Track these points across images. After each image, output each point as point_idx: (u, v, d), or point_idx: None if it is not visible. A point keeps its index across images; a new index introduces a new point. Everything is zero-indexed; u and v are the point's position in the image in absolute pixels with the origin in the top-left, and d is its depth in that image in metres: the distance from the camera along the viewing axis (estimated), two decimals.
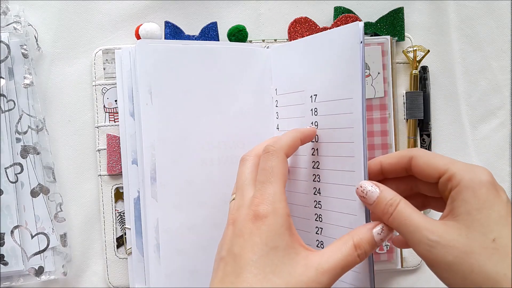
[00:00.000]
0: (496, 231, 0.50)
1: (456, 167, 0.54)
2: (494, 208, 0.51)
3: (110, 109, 0.79)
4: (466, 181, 0.52)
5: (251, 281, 0.51)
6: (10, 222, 0.75)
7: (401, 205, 0.54)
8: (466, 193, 0.52)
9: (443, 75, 0.83)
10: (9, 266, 0.75)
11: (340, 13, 0.79)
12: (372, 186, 0.57)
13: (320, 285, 0.51)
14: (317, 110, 0.66)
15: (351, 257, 0.53)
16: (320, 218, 0.66)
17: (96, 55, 0.79)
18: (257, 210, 0.54)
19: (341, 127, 0.62)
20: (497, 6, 0.83)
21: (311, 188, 0.67)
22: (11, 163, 0.76)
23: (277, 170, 0.57)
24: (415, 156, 0.59)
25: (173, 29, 0.78)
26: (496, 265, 0.49)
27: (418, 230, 0.52)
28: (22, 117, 0.76)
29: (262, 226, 0.53)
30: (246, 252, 0.53)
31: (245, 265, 0.52)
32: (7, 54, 0.76)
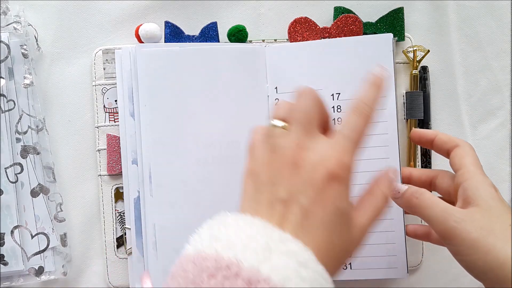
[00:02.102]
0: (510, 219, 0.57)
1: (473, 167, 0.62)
2: (504, 203, 0.59)
3: (110, 109, 0.79)
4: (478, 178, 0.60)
5: (319, 241, 0.47)
6: (10, 222, 0.75)
7: (427, 193, 0.60)
8: (479, 186, 0.59)
9: (443, 75, 0.82)
10: (9, 266, 0.75)
11: (340, 13, 0.79)
12: (401, 186, 0.63)
13: (359, 245, 0.52)
14: (340, 107, 0.70)
15: (382, 207, 0.54)
16: None
17: (96, 55, 0.79)
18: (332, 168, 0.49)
19: (375, 133, 0.68)
20: (497, 6, 0.82)
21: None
22: (11, 163, 0.76)
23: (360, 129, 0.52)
24: (460, 145, 0.65)
25: (173, 29, 0.78)
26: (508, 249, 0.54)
27: (445, 209, 0.58)
28: (22, 117, 0.77)
29: (337, 186, 0.48)
30: (318, 208, 0.48)
31: (316, 222, 0.47)
32: (7, 54, 0.76)
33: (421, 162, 0.80)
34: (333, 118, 0.69)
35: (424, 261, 0.80)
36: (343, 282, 0.76)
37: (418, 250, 0.79)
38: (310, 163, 0.49)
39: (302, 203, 0.48)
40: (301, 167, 0.49)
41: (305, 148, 0.50)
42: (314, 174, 0.48)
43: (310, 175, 0.49)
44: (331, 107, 0.69)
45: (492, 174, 0.82)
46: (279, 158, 0.50)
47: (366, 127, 0.52)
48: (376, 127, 0.67)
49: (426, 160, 0.80)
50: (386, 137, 0.68)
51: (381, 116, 0.66)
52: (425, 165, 0.80)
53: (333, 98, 0.68)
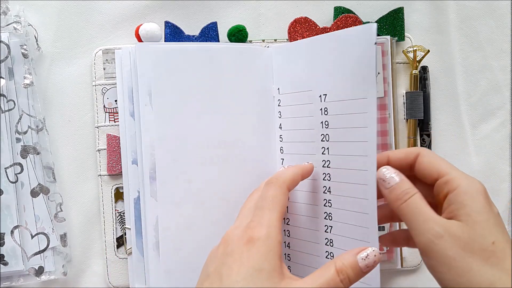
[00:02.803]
0: (495, 235, 0.53)
1: (456, 172, 0.57)
2: (491, 215, 0.54)
3: (110, 109, 0.79)
4: (464, 187, 0.55)
5: None
6: (10, 222, 0.75)
7: (417, 195, 0.57)
8: (465, 197, 0.55)
9: (443, 75, 0.82)
10: (9, 266, 0.75)
11: (340, 13, 0.79)
12: (395, 173, 0.59)
13: None
14: (327, 110, 0.66)
15: (333, 281, 0.53)
16: (330, 216, 0.67)
17: (96, 55, 0.79)
18: (251, 233, 0.55)
19: (354, 126, 0.63)
20: (497, 6, 0.82)
21: (320, 186, 0.68)
22: (11, 163, 0.76)
23: (276, 199, 0.59)
24: (421, 153, 0.61)
25: (173, 29, 0.78)
26: (492, 268, 0.52)
27: (427, 220, 0.54)
28: (22, 117, 0.76)
29: (253, 249, 0.54)
30: (233, 272, 0.53)
31: (229, 285, 0.52)
32: (7, 54, 0.76)
33: None
34: (321, 121, 0.67)
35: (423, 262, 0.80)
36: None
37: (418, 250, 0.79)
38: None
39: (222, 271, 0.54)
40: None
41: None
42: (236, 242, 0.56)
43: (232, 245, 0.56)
44: (319, 109, 0.68)
45: (492, 174, 0.82)
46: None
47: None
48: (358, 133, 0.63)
49: None
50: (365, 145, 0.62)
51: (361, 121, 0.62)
52: None
53: (320, 100, 0.67)
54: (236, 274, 0.53)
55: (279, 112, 0.74)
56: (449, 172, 0.57)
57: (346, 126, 0.64)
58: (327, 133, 0.67)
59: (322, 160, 0.67)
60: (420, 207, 0.56)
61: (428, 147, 0.80)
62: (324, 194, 0.67)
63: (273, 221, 0.56)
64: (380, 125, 0.78)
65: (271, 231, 0.55)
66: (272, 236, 0.55)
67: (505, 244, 0.53)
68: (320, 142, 0.67)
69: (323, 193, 0.68)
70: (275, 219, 0.56)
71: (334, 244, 0.67)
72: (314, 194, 0.69)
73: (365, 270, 0.55)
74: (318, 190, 0.68)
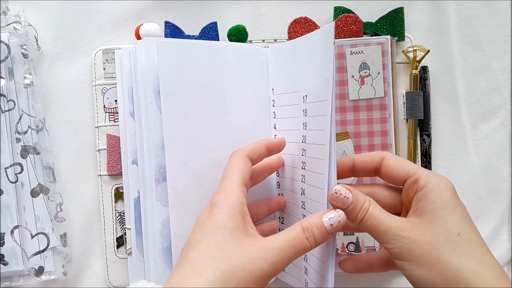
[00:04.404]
0: (460, 227, 0.55)
1: (423, 171, 0.60)
2: (457, 208, 0.57)
3: (110, 109, 0.79)
4: (432, 184, 0.58)
5: (194, 259, 0.54)
6: (10, 222, 0.75)
7: (371, 208, 0.58)
8: (431, 194, 0.57)
9: (443, 75, 0.82)
10: (9, 266, 0.75)
11: (340, 13, 0.79)
12: (346, 192, 0.59)
13: (265, 261, 0.53)
14: (307, 111, 0.67)
15: (299, 238, 0.56)
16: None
17: (96, 55, 0.79)
18: (212, 200, 0.59)
19: (319, 129, 0.63)
20: (497, 6, 0.82)
21: (299, 188, 0.69)
22: (11, 163, 0.76)
23: (235, 167, 0.62)
24: (386, 157, 0.63)
25: (173, 29, 0.78)
26: (460, 257, 0.54)
27: (388, 228, 0.57)
28: (22, 117, 0.77)
29: (214, 211, 0.57)
30: (196, 234, 0.57)
31: (193, 245, 0.56)
32: (7, 54, 0.76)
33: (421, 162, 0.80)
34: (303, 122, 0.68)
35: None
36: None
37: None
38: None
39: (189, 238, 0.58)
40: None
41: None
42: (201, 212, 0.60)
43: (199, 216, 0.60)
44: (302, 110, 0.68)
45: (492, 174, 0.82)
46: None
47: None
48: (321, 136, 0.63)
49: (426, 160, 0.80)
50: (324, 149, 0.62)
51: (322, 124, 0.62)
52: (425, 165, 0.80)
53: (303, 101, 0.67)
54: (201, 234, 0.56)
55: (274, 113, 0.75)
56: (417, 171, 0.60)
57: (315, 128, 0.64)
58: (304, 134, 0.67)
59: (301, 162, 0.68)
60: (378, 218, 0.58)
61: (428, 147, 0.80)
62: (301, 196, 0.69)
63: (232, 185, 0.59)
64: (380, 125, 0.78)
65: (229, 194, 0.58)
66: (231, 197, 0.58)
67: (472, 234, 0.55)
68: (301, 143, 0.68)
69: (300, 194, 0.69)
70: (234, 183, 0.59)
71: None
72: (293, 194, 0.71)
73: (330, 231, 0.57)
74: (297, 191, 0.70)
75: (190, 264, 0.54)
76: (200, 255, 0.54)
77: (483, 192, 0.83)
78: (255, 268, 0.53)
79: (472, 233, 0.56)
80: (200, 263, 0.53)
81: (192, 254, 0.54)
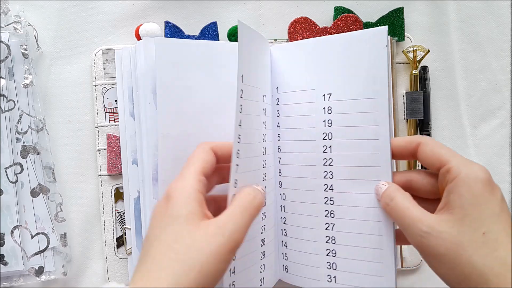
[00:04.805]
0: (487, 225, 0.53)
1: (456, 161, 0.57)
2: (487, 205, 0.54)
3: (110, 109, 0.79)
4: (462, 176, 0.55)
5: (154, 255, 0.53)
6: (10, 222, 0.75)
7: (399, 198, 0.59)
8: (462, 188, 0.55)
9: (443, 75, 0.82)
10: (9, 266, 0.75)
11: (340, 13, 0.79)
12: (383, 184, 0.63)
13: (222, 236, 0.53)
14: (331, 109, 0.68)
15: (248, 198, 0.57)
16: (332, 214, 0.69)
17: (96, 55, 0.79)
18: (168, 190, 0.57)
19: (364, 125, 0.65)
20: (497, 6, 0.82)
21: (321, 185, 0.69)
22: (11, 163, 0.76)
23: (194, 158, 0.60)
24: (423, 142, 0.61)
25: (173, 29, 0.78)
26: (483, 258, 0.52)
27: (413, 222, 0.56)
28: (22, 117, 0.77)
29: (170, 201, 0.56)
30: (155, 229, 0.56)
31: (152, 241, 0.55)
32: (7, 54, 0.76)
33: None
34: (324, 120, 0.68)
35: (424, 261, 0.80)
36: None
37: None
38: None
39: (148, 234, 0.57)
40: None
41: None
42: (156, 205, 0.59)
43: (154, 210, 0.58)
44: (322, 108, 0.68)
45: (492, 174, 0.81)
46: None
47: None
48: (367, 132, 0.65)
49: None
50: (377, 143, 0.65)
51: (371, 120, 0.64)
52: None
53: (324, 99, 0.67)
54: (158, 229, 0.55)
55: (277, 111, 0.74)
56: (450, 160, 0.57)
57: (353, 125, 0.66)
58: (330, 131, 0.67)
59: (323, 159, 0.68)
60: (405, 210, 0.58)
61: None
62: (325, 192, 0.68)
63: (187, 174, 0.58)
64: None
65: (185, 183, 0.57)
66: (186, 185, 0.57)
67: (498, 233, 0.53)
68: (321, 140, 0.68)
69: (324, 191, 0.68)
70: (189, 172, 0.58)
71: (336, 241, 0.68)
72: (313, 191, 0.70)
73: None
74: (318, 189, 0.69)
75: (151, 261, 0.53)
76: (159, 250, 0.53)
77: None
78: (214, 246, 0.52)
79: (499, 232, 0.53)
80: (161, 259, 0.53)
81: (152, 250, 0.54)
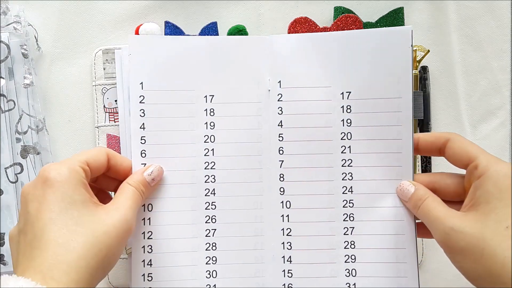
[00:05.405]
0: (510, 220, 0.54)
1: (484, 157, 0.59)
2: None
3: (110, 109, 0.79)
4: (491, 172, 0.57)
5: (56, 238, 0.52)
6: (10, 222, 0.75)
7: (429, 199, 0.61)
8: (489, 184, 0.56)
9: (443, 75, 0.82)
10: (9, 266, 0.75)
11: (340, 13, 0.79)
12: (410, 185, 0.64)
13: (128, 222, 0.58)
14: (350, 107, 0.68)
15: (136, 195, 0.62)
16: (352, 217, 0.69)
17: (96, 55, 0.79)
18: (46, 175, 0.56)
19: (386, 124, 0.67)
20: (497, 6, 0.82)
21: (339, 187, 0.69)
22: (11, 163, 0.76)
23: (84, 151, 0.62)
24: (452, 138, 0.63)
25: (173, 29, 0.78)
26: (506, 251, 0.53)
27: (438, 219, 0.59)
28: (22, 117, 0.77)
29: (55, 184, 0.55)
30: (43, 213, 0.54)
31: (45, 225, 0.53)
32: (7, 54, 0.76)
33: (421, 162, 0.80)
34: (342, 119, 0.68)
35: (424, 261, 0.80)
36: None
37: (418, 250, 0.79)
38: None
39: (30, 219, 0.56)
40: None
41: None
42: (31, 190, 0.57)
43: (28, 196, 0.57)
44: (340, 107, 0.69)
45: None
46: None
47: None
48: (389, 132, 0.67)
49: (426, 160, 0.80)
50: (400, 143, 0.67)
51: (394, 120, 0.66)
52: (425, 165, 0.80)
53: (342, 97, 0.67)
54: (49, 212, 0.54)
55: (280, 108, 0.70)
56: (478, 156, 0.59)
57: (375, 124, 0.67)
58: (349, 131, 0.68)
59: (341, 159, 0.68)
60: (432, 209, 0.60)
61: None
62: (344, 194, 0.69)
63: (70, 161, 0.59)
64: None
65: (64, 168, 0.57)
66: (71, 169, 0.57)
67: None
68: (339, 141, 0.68)
69: (343, 193, 0.69)
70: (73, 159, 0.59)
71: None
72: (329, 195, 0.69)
73: (152, 183, 0.65)
74: (335, 192, 0.69)
75: (54, 244, 0.52)
76: (61, 234, 0.53)
77: None
78: (120, 230, 0.57)
79: None
80: (66, 242, 0.52)
81: (52, 234, 0.52)
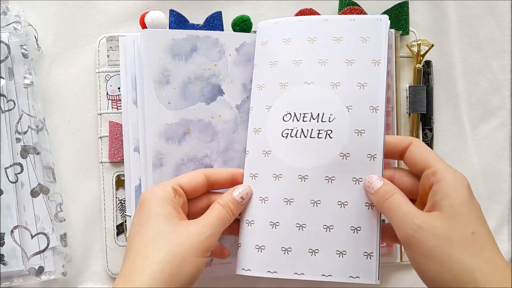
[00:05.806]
0: (475, 225, 0.56)
1: (442, 165, 0.61)
2: (474, 207, 0.58)
3: (113, 96, 0.79)
4: (450, 179, 0.59)
5: (137, 248, 0.61)
6: (10, 222, 0.75)
7: (396, 194, 0.61)
8: (450, 189, 0.58)
9: (443, 75, 0.83)
10: (9, 266, 0.74)
11: (345, 6, 0.79)
12: (378, 179, 0.64)
13: (203, 235, 0.62)
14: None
15: (222, 214, 0.65)
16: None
17: (100, 42, 0.79)
18: (141, 197, 0.65)
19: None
20: (497, 6, 0.83)
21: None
22: (11, 163, 0.75)
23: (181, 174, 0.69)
24: (414, 143, 0.65)
25: (177, 17, 0.77)
26: (472, 257, 0.54)
27: (406, 215, 0.59)
28: (22, 117, 0.76)
29: (146, 202, 0.64)
30: (133, 227, 0.64)
31: (133, 236, 0.63)
32: (7, 54, 0.76)
33: None
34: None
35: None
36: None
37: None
38: None
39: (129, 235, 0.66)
40: None
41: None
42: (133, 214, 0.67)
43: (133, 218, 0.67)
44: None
45: (492, 174, 0.83)
46: None
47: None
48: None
49: None
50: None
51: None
52: None
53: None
54: (138, 226, 0.63)
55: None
56: (436, 164, 0.61)
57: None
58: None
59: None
60: (399, 204, 0.60)
61: (430, 142, 0.80)
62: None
63: (163, 183, 0.66)
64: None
65: (157, 188, 0.65)
66: (160, 190, 0.64)
67: (485, 234, 0.57)
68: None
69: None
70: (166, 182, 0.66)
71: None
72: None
73: (242, 202, 0.68)
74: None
75: (134, 253, 0.60)
76: (141, 243, 0.61)
77: (483, 192, 0.82)
78: (195, 242, 0.61)
79: (485, 233, 0.57)
80: (144, 249, 0.60)
81: (134, 244, 0.61)
